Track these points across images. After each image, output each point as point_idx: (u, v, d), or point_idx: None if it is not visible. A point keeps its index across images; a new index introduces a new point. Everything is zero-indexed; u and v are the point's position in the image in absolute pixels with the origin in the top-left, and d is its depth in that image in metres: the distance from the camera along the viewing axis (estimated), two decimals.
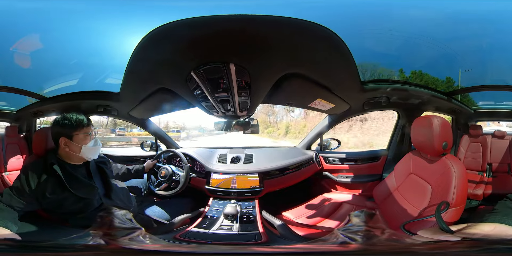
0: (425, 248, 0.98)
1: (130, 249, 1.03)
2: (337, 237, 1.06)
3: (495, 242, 0.94)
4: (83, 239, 1.05)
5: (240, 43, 1.23)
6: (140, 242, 1.12)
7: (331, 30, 1.25)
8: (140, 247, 1.09)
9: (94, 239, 1.04)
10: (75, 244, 1.06)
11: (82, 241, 1.06)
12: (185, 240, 1.58)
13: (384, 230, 1.05)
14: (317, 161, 2.57)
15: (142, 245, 1.11)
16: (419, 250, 0.98)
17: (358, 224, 1.09)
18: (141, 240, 1.13)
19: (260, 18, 1.13)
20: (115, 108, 2.25)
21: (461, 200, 1.35)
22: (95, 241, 1.03)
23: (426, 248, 0.97)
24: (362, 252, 0.99)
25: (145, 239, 1.15)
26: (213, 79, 1.43)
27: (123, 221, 1.21)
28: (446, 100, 2.27)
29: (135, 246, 1.07)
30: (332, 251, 1.03)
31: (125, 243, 1.06)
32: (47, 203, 1.49)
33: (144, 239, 1.15)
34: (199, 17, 1.11)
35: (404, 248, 1.00)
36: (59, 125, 1.55)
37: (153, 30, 1.18)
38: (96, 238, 1.05)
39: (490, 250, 0.91)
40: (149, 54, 1.38)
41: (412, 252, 0.96)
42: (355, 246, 1.01)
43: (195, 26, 1.15)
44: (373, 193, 1.96)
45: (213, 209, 1.99)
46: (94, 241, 1.04)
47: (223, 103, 1.74)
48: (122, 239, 1.08)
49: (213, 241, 1.62)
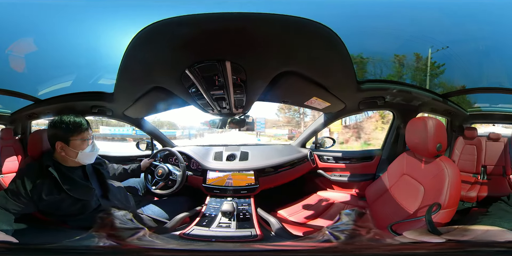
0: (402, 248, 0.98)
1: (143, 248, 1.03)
2: (323, 235, 1.06)
3: (487, 245, 0.95)
4: (88, 241, 1.04)
5: (235, 41, 1.21)
6: (150, 241, 1.11)
7: (328, 28, 1.23)
8: (154, 246, 1.09)
9: (101, 240, 1.04)
10: (79, 246, 1.05)
11: (87, 242, 1.05)
12: (191, 238, 1.58)
13: (370, 229, 1.06)
14: (311, 159, 2.57)
15: (154, 244, 1.11)
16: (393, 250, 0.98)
17: (347, 223, 1.09)
18: (150, 240, 1.12)
19: (255, 15, 1.11)
20: (110, 109, 2.23)
21: (454, 202, 1.35)
22: (104, 243, 1.03)
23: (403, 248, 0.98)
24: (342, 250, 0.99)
25: (154, 238, 1.14)
26: (208, 77, 1.41)
27: (124, 221, 1.20)
28: (441, 102, 2.27)
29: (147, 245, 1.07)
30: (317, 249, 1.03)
31: (136, 243, 1.05)
32: (44, 205, 1.46)
33: (153, 238, 1.14)
34: (192, 15, 1.09)
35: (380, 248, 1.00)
36: (55, 128, 1.51)
37: (144, 28, 1.16)
38: (102, 239, 1.04)
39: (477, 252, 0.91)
40: (141, 53, 1.36)
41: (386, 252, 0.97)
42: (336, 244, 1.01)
43: (188, 24, 1.13)
44: (366, 193, 1.97)
45: (211, 207, 1.99)
46: (102, 242, 1.03)
47: (219, 101, 1.73)
48: (131, 239, 1.07)
49: (215, 239, 1.63)
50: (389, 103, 2.14)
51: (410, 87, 2.06)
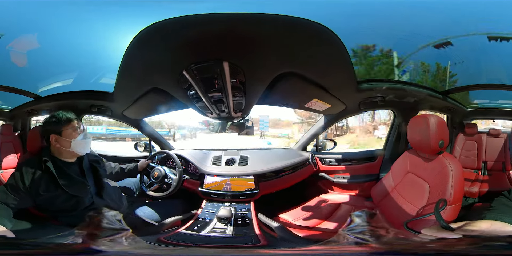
0: (431, 246, 0.97)
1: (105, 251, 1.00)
2: (345, 238, 1.04)
3: (492, 239, 0.95)
4: (65, 238, 1.05)
5: (233, 41, 1.21)
6: (120, 243, 1.10)
7: (328, 28, 1.23)
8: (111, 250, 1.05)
9: (76, 238, 1.04)
10: (59, 243, 1.05)
11: (64, 240, 1.05)
12: (169, 242, 1.55)
13: (388, 229, 1.04)
14: (313, 163, 2.54)
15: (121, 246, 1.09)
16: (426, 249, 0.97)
17: (362, 224, 1.08)
18: (121, 242, 1.10)
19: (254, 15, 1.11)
20: (109, 108, 2.24)
21: (458, 198, 1.35)
22: (73, 241, 1.03)
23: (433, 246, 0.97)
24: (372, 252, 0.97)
25: (127, 240, 1.12)
26: (206, 78, 1.41)
27: (111, 221, 1.20)
28: (441, 99, 2.28)
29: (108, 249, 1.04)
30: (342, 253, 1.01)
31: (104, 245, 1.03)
32: (40, 200, 1.50)
33: (126, 240, 1.12)
34: (190, 16, 1.09)
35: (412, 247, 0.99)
36: (48, 124, 1.58)
37: (144, 28, 1.17)
38: (77, 238, 1.04)
39: (487, 247, 0.91)
40: (141, 53, 1.37)
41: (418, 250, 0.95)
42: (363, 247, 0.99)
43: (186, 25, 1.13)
44: (371, 193, 1.95)
45: (206, 211, 1.96)
46: (73, 240, 1.03)
47: (217, 104, 1.72)
48: (103, 240, 1.05)
49: (203, 244, 1.59)
50: (390, 102, 2.14)
51: (409, 85, 2.07)
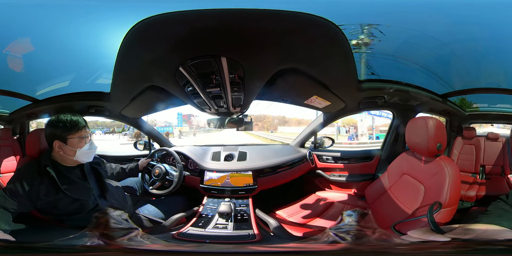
0: (412, 248, 0.97)
1: (131, 249, 1.03)
2: (328, 236, 1.05)
3: (487, 243, 0.95)
4: (81, 240, 1.04)
5: (232, 37, 1.19)
6: (139, 242, 1.11)
7: (331, 22, 1.19)
8: (141, 247, 1.08)
9: (92, 239, 1.04)
10: (73, 245, 1.05)
11: (79, 241, 1.04)
12: (184, 239, 1.57)
13: (375, 229, 1.04)
14: (310, 159, 2.56)
15: (142, 245, 1.10)
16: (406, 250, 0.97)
17: (350, 224, 1.08)
18: (140, 240, 1.11)
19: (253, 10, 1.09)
20: (107, 108, 2.23)
21: (454, 201, 1.35)
22: (93, 242, 1.02)
23: (414, 248, 0.97)
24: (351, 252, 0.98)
25: (144, 239, 1.14)
26: (204, 74, 1.39)
27: (119, 221, 1.20)
28: (441, 102, 2.27)
29: (135, 246, 1.06)
30: (323, 250, 1.02)
31: (125, 243, 1.04)
32: (42, 204, 1.47)
33: (143, 239, 1.13)
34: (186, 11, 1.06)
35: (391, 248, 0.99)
36: (53, 128, 1.50)
37: (135, 25, 1.13)
38: (94, 239, 1.04)
39: (480, 250, 0.91)
40: (134, 50, 1.35)
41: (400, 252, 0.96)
42: (344, 245, 1.00)
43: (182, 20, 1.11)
44: (365, 193, 1.96)
45: (208, 207, 1.97)
46: (92, 241, 1.03)
47: (216, 99, 1.71)
48: (121, 239, 1.06)
49: (210, 240, 1.60)
50: (389, 103, 2.13)
51: (410, 87, 2.06)
